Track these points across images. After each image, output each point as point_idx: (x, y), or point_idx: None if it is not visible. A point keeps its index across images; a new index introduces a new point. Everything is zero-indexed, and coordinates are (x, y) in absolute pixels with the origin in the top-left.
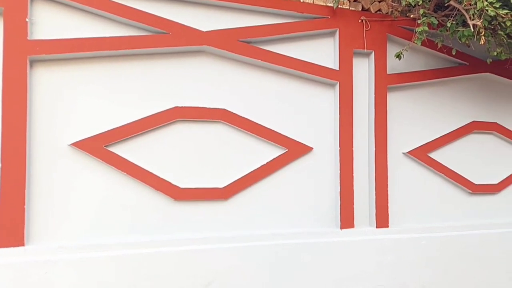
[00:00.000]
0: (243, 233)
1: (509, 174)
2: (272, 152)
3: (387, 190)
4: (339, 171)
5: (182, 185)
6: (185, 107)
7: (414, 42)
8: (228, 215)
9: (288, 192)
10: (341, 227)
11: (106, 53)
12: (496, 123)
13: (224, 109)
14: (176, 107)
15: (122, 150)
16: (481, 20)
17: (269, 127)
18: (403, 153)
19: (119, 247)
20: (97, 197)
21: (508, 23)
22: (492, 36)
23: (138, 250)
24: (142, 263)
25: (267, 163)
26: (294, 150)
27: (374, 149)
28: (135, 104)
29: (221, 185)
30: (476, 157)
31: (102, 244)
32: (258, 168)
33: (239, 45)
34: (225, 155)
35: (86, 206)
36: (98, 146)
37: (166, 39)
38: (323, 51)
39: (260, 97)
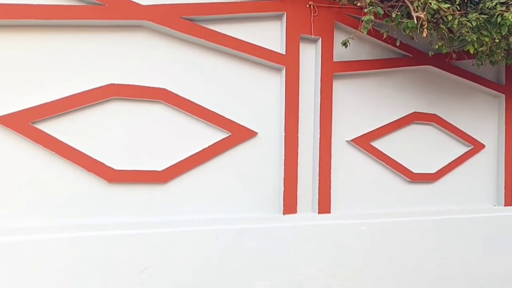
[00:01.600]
0: (182, 218)
1: (446, 164)
2: (215, 135)
3: (330, 177)
4: (283, 157)
5: (117, 166)
6: (121, 84)
7: (360, 30)
8: (167, 199)
9: (230, 177)
10: (284, 213)
11: (34, 22)
12: (435, 114)
13: (164, 89)
14: (112, 85)
15: (51, 128)
16: (425, 13)
17: (212, 109)
18: (347, 141)
19: (48, 231)
20: (23, 177)
21: (450, 17)
22: (434, 30)
23: (68, 234)
24: (73, 248)
25: (209, 146)
26: (238, 135)
27: (318, 136)
28: (67, 79)
29: (159, 168)
30: (416, 147)
31: (29, 227)
32: (199, 151)
33: (181, 22)
34: (165, 137)
35: (10, 187)
36: (24, 123)
37: (101, 11)
38: (270, 35)
39: (204, 78)
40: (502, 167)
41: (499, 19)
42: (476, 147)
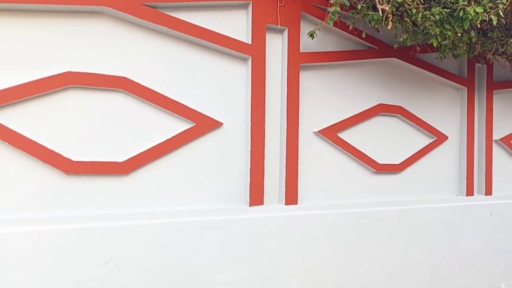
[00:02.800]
0: (144, 210)
1: (411, 155)
2: (179, 126)
3: (297, 168)
4: (249, 148)
5: (75, 158)
6: (79, 72)
7: (326, 22)
8: (129, 191)
9: (195, 168)
10: (250, 204)
11: None
12: (400, 106)
13: (124, 77)
14: (69, 72)
15: (3, 117)
16: (389, 6)
17: (175, 99)
18: (314, 132)
19: (1, 225)
20: None
21: (414, 11)
22: (399, 22)
23: (23, 228)
24: (28, 242)
25: (172, 137)
26: (203, 125)
27: (285, 127)
28: (21, 66)
29: (120, 159)
30: (381, 138)
31: None
32: (162, 142)
33: (143, 9)
34: (126, 127)
35: None
36: None
37: None
38: (235, 24)
39: (166, 67)
40: (464, 158)
41: (461, 14)
42: (440, 138)
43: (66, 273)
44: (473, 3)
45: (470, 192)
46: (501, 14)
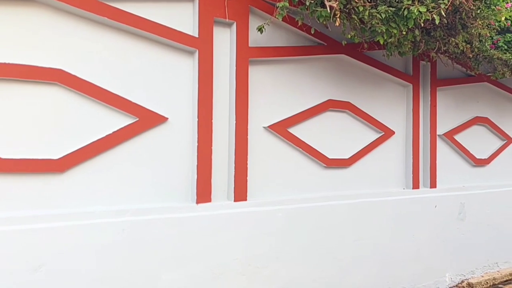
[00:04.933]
0: (83, 210)
1: (359, 149)
2: (120, 121)
3: (246, 164)
4: (196, 144)
5: (5, 155)
6: (11, 64)
7: (275, 17)
8: (65, 190)
9: (138, 165)
10: (197, 202)
11: None
12: (349, 102)
13: (60, 70)
14: (0, 64)
15: None
16: (337, 3)
17: (117, 93)
18: (264, 127)
19: None
20: None
21: (361, 9)
22: (347, 19)
23: None
24: None
25: (113, 132)
26: (146, 120)
27: (234, 122)
28: None
29: (55, 156)
30: (331, 133)
31: None
32: (102, 138)
33: None
34: (62, 122)
35: None
36: None
37: None
38: (182, 17)
39: (108, 59)
40: (410, 152)
41: (405, 12)
42: (387, 133)
43: None
44: (416, 3)
45: (416, 185)
46: (443, 13)
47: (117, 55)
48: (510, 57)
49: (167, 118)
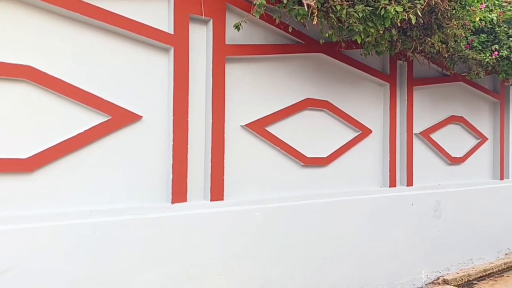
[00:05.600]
0: (53, 211)
1: (337, 148)
2: (93, 119)
3: (223, 163)
4: (172, 143)
5: None
6: None
7: (253, 14)
8: (34, 190)
9: (111, 165)
10: (173, 202)
11: None
12: (327, 101)
13: (30, 66)
14: None
15: None
16: (315, 1)
17: (89, 91)
18: (241, 126)
19: None
20: None
21: (338, 7)
22: (324, 18)
23: None
24: None
25: (85, 131)
26: (119, 118)
27: (211, 120)
28: None
29: (23, 155)
30: (309, 132)
31: None
32: (74, 136)
33: None
34: (31, 120)
35: None
36: None
37: None
38: (157, 13)
39: (80, 56)
40: (387, 151)
41: (382, 12)
42: (364, 132)
43: None
44: (393, 2)
45: (393, 183)
46: (419, 13)
47: (89, 52)
48: (484, 57)
49: (141, 116)
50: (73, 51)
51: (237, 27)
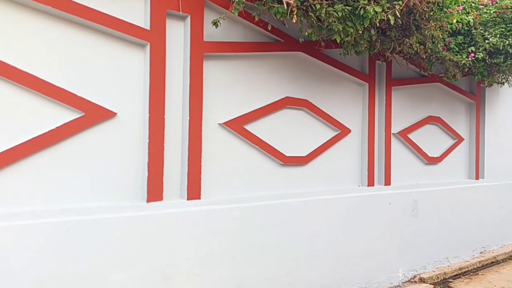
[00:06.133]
0: (22, 210)
1: (316, 147)
2: (65, 116)
3: (200, 161)
4: (147, 140)
5: None
6: None
7: (231, 11)
8: (3, 188)
9: (84, 162)
10: (148, 200)
11: None
12: (306, 100)
13: None
14: None
15: None
16: (294, 0)
17: (61, 86)
18: (219, 124)
19: None
20: None
21: (318, 6)
22: (304, 17)
23: None
24: None
25: (57, 128)
26: (93, 115)
27: (188, 118)
28: None
29: None
30: (288, 131)
31: None
32: (45, 133)
33: None
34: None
35: None
36: None
37: None
38: (133, 8)
39: (51, 51)
40: (365, 150)
41: (362, 12)
42: (343, 131)
43: None
44: (372, 3)
45: (371, 182)
46: (398, 14)
47: (62, 46)
48: (461, 58)
49: (115, 113)
50: (44, 45)
51: (215, 23)
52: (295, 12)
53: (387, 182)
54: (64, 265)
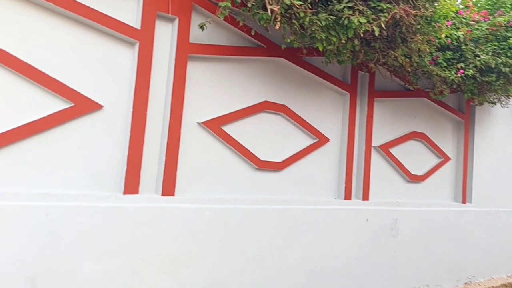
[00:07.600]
0: (6, 190)
1: (292, 154)
2: (56, 105)
3: (177, 158)
4: (129, 134)
5: None
6: None
7: (217, 16)
8: None
9: (68, 150)
10: (124, 193)
11: None
12: (285, 105)
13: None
14: None
15: None
16: (278, 7)
17: (54, 77)
18: (198, 123)
19: None
20: None
21: (302, 14)
22: (287, 24)
23: None
24: None
25: (48, 115)
26: (81, 106)
27: (169, 115)
28: None
29: None
30: (265, 135)
31: None
32: (36, 120)
33: None
34: None
35: None
36: None
37: None
38: (126, 8)
39: (48, 44)
40: (344, 162)
41: (346, 22)
42: (321, 140)
43: None
44: (357, 13)
45: (348, 196)
46: (383, 26)
47: (57, 40)
48: (449, 74)
49: (102, 106)
50: (40, 37)
51: (201, 27)
52: (278, 19)
53: (365, 197)
54: (40, 249)
